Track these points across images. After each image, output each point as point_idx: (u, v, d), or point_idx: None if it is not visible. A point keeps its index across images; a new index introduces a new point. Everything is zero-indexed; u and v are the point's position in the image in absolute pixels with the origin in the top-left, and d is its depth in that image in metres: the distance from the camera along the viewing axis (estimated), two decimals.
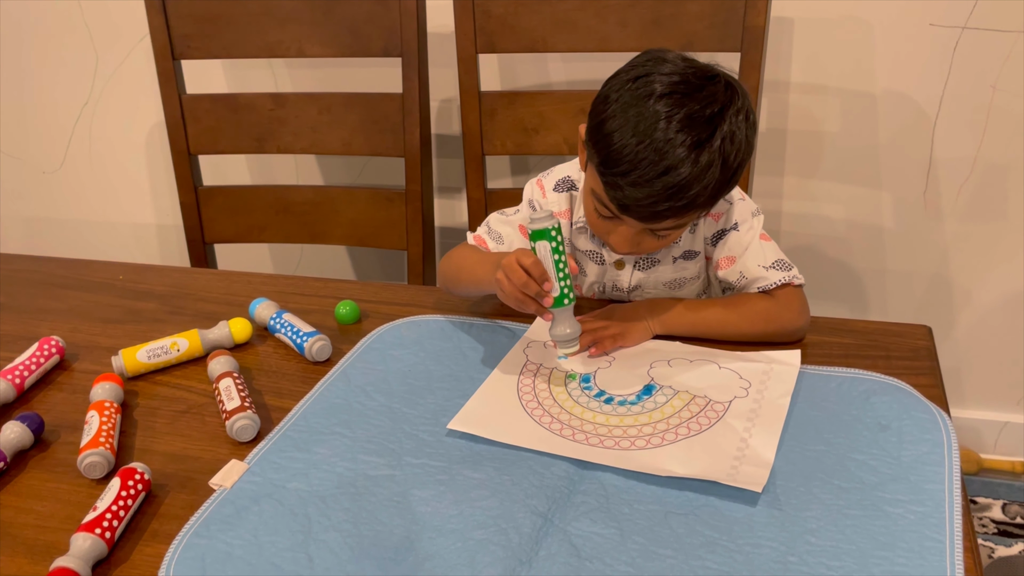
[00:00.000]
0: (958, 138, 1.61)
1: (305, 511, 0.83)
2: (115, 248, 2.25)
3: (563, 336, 0.94)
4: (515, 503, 0.82)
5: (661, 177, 0.90)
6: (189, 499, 0.86)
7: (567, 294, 0.93)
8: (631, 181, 0.91)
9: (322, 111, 1.64)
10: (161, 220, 2.18)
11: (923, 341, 1.03)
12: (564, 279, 0.93)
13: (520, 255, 0.92)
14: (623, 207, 0.94)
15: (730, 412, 0.92)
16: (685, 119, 0.89)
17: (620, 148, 0.91)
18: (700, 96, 0.91)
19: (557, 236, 0.92)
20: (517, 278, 0.91)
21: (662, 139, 0.89)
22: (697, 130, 0.89)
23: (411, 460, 0.89)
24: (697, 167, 0.90)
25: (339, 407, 0.98)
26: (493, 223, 1.14)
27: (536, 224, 0.92)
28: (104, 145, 2.12)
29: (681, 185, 0.90)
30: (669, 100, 0.90)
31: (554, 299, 0.92)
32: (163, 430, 0.97)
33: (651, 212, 0.93)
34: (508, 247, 1.12)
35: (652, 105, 0.90)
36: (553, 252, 0.92)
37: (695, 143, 0.89)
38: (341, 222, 1.70)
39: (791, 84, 1.65)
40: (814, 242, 1.77)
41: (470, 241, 1.15)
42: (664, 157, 0.89)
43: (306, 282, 1.26)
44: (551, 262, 0.92)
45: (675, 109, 0.89)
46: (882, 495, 0.80)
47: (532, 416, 0.94)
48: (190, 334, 1.08)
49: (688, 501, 0.82)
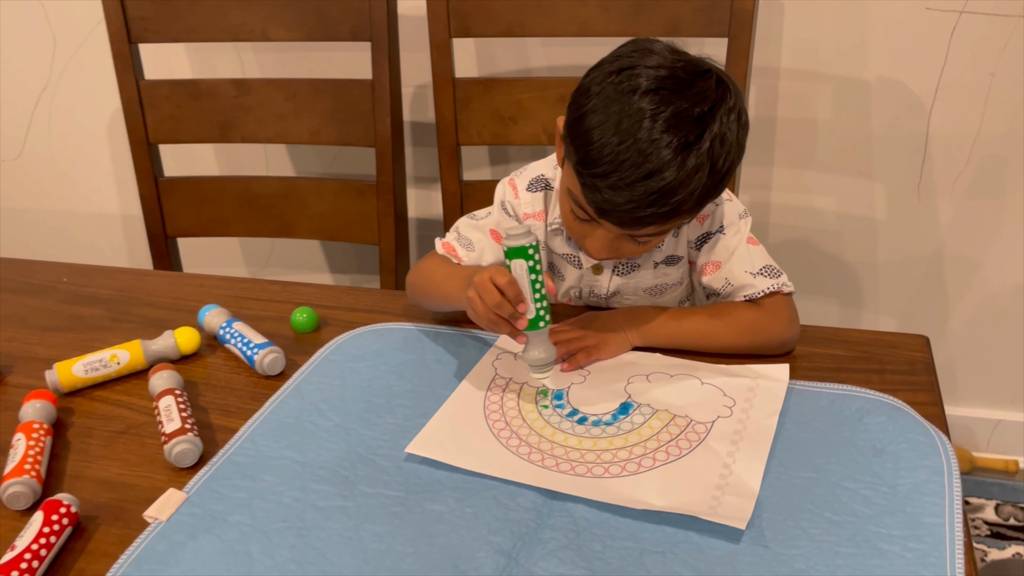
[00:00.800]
0: (955, 127, 1.55)
1: (247, 548, 0.76)
2: (79, 240, 2.17)
3: (537, 361, 0.88)
4: (476, 540, 0.75)
5: (644, 181, 0.82)
6: (121, 533, 0.79)
7: (543, 316, 0.87)
8: (611, 184, 0.83)
9: (288, 98, 1.56)
10: (126, 211, 2.10)
11: (920, 353, 0.97)
12: (540, 300, 0.86)
13: (494, 273, 0.85)
14: (601, 211, 0.87)
15: (712, 434, 0.85)
16: (672, 118, 0.82)
17: (600, 147, 0.83)
18: (689, 93, 0.83)
19: (535, 255, 0.85)
20: (490, 299, 0.84)
21: (646, 139, 0.81)
22: (684, 131, 0.82)
23: (365, 489, 0.82)
24: (683, 171, 0.82)
25: (290, 428, 0.90)
26: (463, 228, 1.07)
27: (512, 241, 0.85)
28: (64, 132, 2.04)
29: (665, 190, 0.82)
30: (655, 96, 0.82)
31: (529, 321, 0.86)
32: (98, 453, 0.89)
33: (632, 218, 0.86)
34: (479, 254, 1.04)
35: (636, 101, 0.82)
36: (530, 271, 0.85)
37: (682, 145, 0.82)
38: (310, 215, 1.63)
39: (781, 70, 1.58)
40: (804, 235, 1.72)
41: (439, 249, 1.07)
42: (648, 159, 0.81)
43: (263, 286, 1.18)
44: (527, 282, 0.85)
45: (661, 107, 0.82)
46: (876, 530, 0.74)
47: (499, 438, 0.87)
48: (132, 345, 1.00)
49: (666, 537, 0.75)
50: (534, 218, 1.04)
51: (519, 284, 0.85)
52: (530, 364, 0.89)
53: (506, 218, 1.04)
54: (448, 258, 1.05)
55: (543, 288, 0.86)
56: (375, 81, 1.50)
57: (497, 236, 1.05)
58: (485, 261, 1.04)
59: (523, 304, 0.84)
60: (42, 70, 1.95)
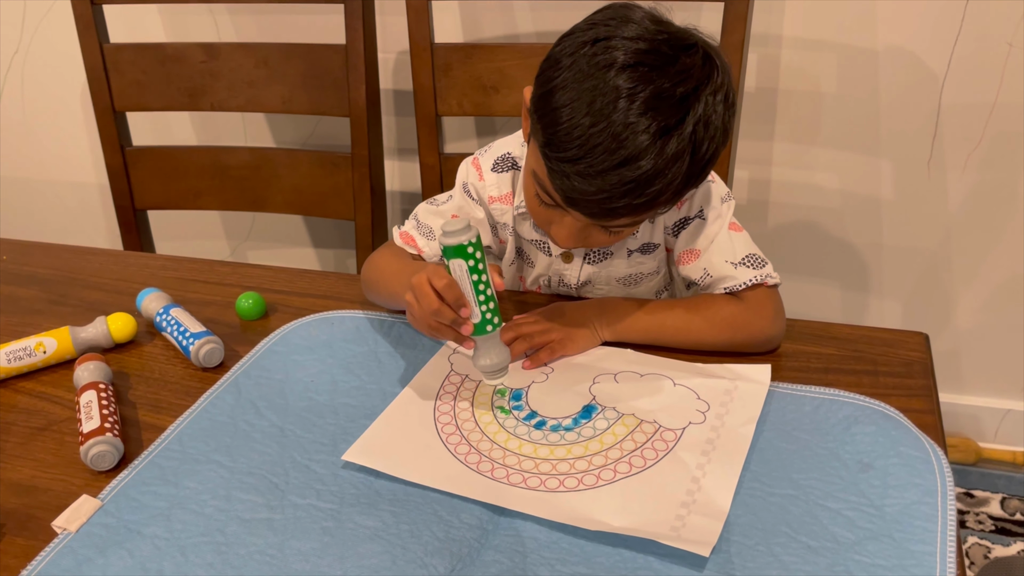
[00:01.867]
0: (969, 100, 1.45)
1: (159, 567, 0.69)
2: (55, 210, 2.10)
3: (488, 367, 0.81)
4: (410, 562, 0.67)
5: (617, 169, 0.73)
6: (27, 545, 0.72)
7: (490, 319, 0.79)
8: (580, 170, 0.74)
9: (258, 64, 1.48)
10: (101, 180, 2.02)
11: (917, 352, 0.88)
12: (487, 301, 0.78)
13: (431, 275, 0.76)
14: (569, 200, 0.78)
15: (682, 442, 0.77)
16: (651, 99, 0.72)
17: (569, 129, 0.74)
18: (671, 71, 0.73)
19: (476, 252, 0.76)
20: (427, 304, 0.76)
21: (621, 122, 0.72)
22: (665, 113, 0.73)
23: (296, 500, 0.74)
24: (662, 159, 0.73)
25: (222, 428, 0.83)
26: (422, 215, 0.98)
27: (449, 239, 0.76)
28: (38, 99, 1.96)
29: (641, 180, 0.74)
30: (633, 73, 0.73)
31: (475, 325, 0.78)
32: (13, 452, 0.82)
33: (603, 209, 0.77)
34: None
35: (612, 78, 0.73)
36: (471, 272, 0.77)
37: (661, 129, 0.73)
38: (283, 188, 1.55)
39: (783, 38, 1.48)
40: (806, 214, 1.63)
41: (396, 239, 0.99)
42: (622, 145, 0.72)
43: (211, 267, 1.10)
44: (468, 283, 0.77)
45: (639, 85, 0.72)
46: (859, 558, 0.66)
47: (447, 445, 0.79)
48: (59, 332, 0.92)
49: (622, 563, 0.67)
50: (500, 201, 0.96)
51: (460, 286, 0.77)
52: (482, 371, 0.81)
53: (469, 202, 0.96)
54: (404, 249, 0.97)
55: (488, 288, 0.78)
56: (349, 46, 1.41)
57: None
58: None
59: (465, 308, 0.76)
60: (12, 33, 1.87)
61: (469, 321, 0.77)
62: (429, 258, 0.96)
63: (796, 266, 1.66)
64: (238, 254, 2.02)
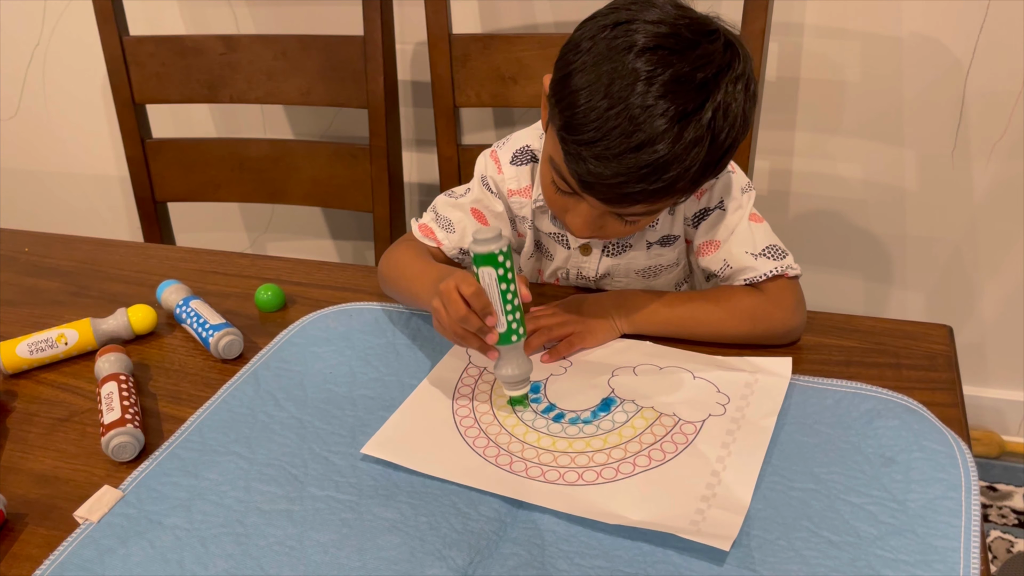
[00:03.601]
0: (994, 88, 1.43)
1: (180, 557, 0.69)
2: (76, 203, 2.12)
3: (510, 377, 0.79)
4: (429, 554, 0.67)
5: (633, 153, 0.72)
6: (49, 535, 0.72)
7: (515, 329, 0.77)
8: (596, 153, 0.74)
9: (277, 56, 1.48)
10: (122, 173, 2.03)
11: (941, 345, 0.87)
12: (513, 311, 0.77)
13: (460, 282, 0.75)
14: (585, 184, 0.77)
15: (702, 436, 0.76)
16: (670, 82, 0.72)
17: (587, 111, 0.73)
18: (692, 55, 0.73)
19: (505, 261, 0.75)
20: (455, 311, 0.75)
21: (639, 105, 0.72)
22: (683, 98, 0.72)
23: (315, 491, 0.74)
24: (679, 144, 0.72)
25: (241, 419, 0.83)
26: (440, 207, 0.97)
27: (480, 247, 0.75)
28: (59, 91, 1.97)
29: (658, 165, 0.73)
30: (652, 56, 0.72)
31: (500, 335, 0.77)
32: (36, 443, 0.83)
33: (618, 194, 0.76)
34: (460, 235, 0.95)
35: (631, 61, 0.72)
36: (500, 280, 0.75)
37: (679, 114, 0.72)
38: (301, 180, 1.55)
39: (805, 27, 1.46)
40: (828, 204, 1.61)
41: (414, 231, 0.98)
42: (639, 128, 0.72)
43: (231, 259, 1.10)
44: (496, 292, 0.76)
45: (658, 68, 0.72)
46: (881, 554, 0.65)
47: (466, 438, 0.78)
48: (81, 324, 0.93)
49: (641, 556, 0.66)
50: (519, 195, 0.95)
51: (488, 294, 0.75)
52: (503, 381, 0.80)
53: (488, 195, 0.95)
54: (425, 243, 0.96)
55: (516, 298, 0.77)
56: (367, 37, 1.41)
57: (480, 215, 0.96)
58: (467, 243, 0.95)
59: (492, 317, 0.75)
60: (34, 25, 1.88)
61: (495, 330, 0.76)
62: (448, 251, 0.96)
63: (817, 257, 1.64)
64: (257, 246, 2.03)
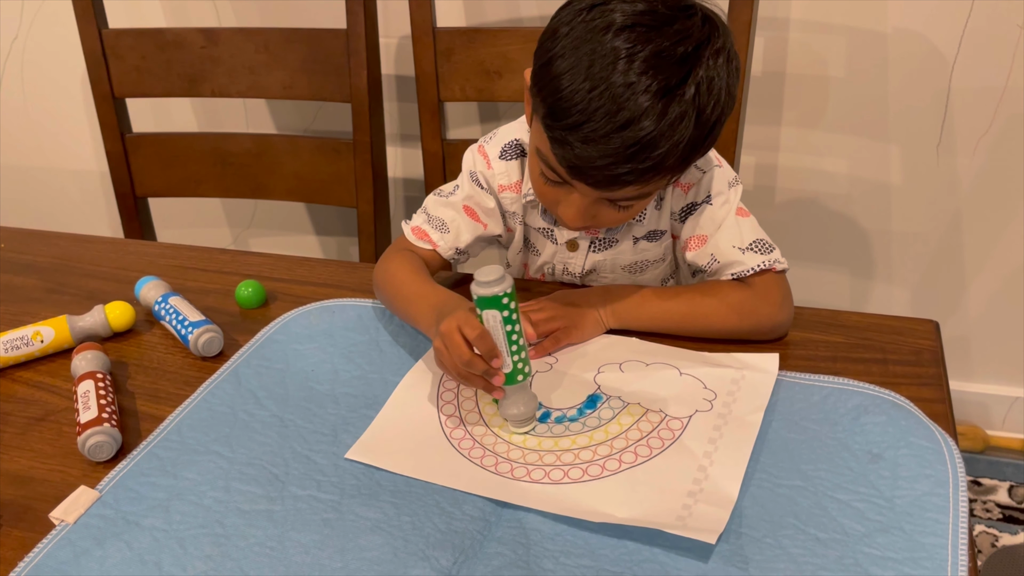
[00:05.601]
0: (979, 83, 1.43)
1: (158, 559, 0.68)
2: (57, 196, 2.09)
3: (517, 416, 0.77)
4: (412, 555, 0.66)
5: (619, 132, 0.72)
6: (24, 536, 0.71)
7: (521, 368, 0.76)
8: (582, 136, 0.73)
9: (259, 49, 1.46)
10: (103, 168, 2.00)
11: (928, 340, 0.86)
12: (519, 351, 0.75)
13: (463, 324, 0.74)
14: (574, 169, 0.76)
15: (689, 431, 0.76)
16: (651, 58, 0.71)
17: (569, 95, 0.73)
18: (670, 31, 0.72)
19: (511, 303, 0.74)
20: (459, 354, 0.74)
21: (621, 83, 0.71)
22: (665, 73, 0.71)
23: (296, 491, 0.73)
24: (665, 120, 0.72)
25: (222, 418, 0.81)
26: (432, 207, 0.96)
27: (483, 289, 0.73)
28: (38, 84, 1.95)
29: (645, 142, 0.72)
30: (631, 34, 0.71)
31: (506, 375, 0.75)
32: (10, 443, 0.81)
33: (608, 176, 0.75)
34: (455, 234, 0.94)
35: (610, 40, 0.72)
36: (505, 323, 0.74)
37: (663, 89, 0.71)
38: (284, 175, 1.53)
39: (790, 21, 1.46)
40: (813, 199, 1.61)
41: (407, 234, 0.95)
42: (623, 107, 0.71)
43: (211, 255, 1.09)
44: (502, 333, 0.74)
45: (638, 45, 0.71)
46: (869, 551, 0.64)
47: (451, 439, 0.77)
48: (57, 321, 0.91)
49: (627, 555, 0.66)
50: (510, 190, 0.94)
51: (492, 336, 0.74)
52: (509, 420, 0.78)
53: (478, 191, 0.94)
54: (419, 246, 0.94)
55: (521, 337, 0.75)
56: (350, 31, 1.39)
57: (472, 212, 0.94)
58: (463, 242, 0.94)
59: (497, 359, 0.74)
60: (11, 19, 1.85)
61: (500, 372, 0.75)
62: (444, 252, 0.94)
63: (803, 252, 1.64)
64: (240, 242, 2.01)
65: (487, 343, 0.73)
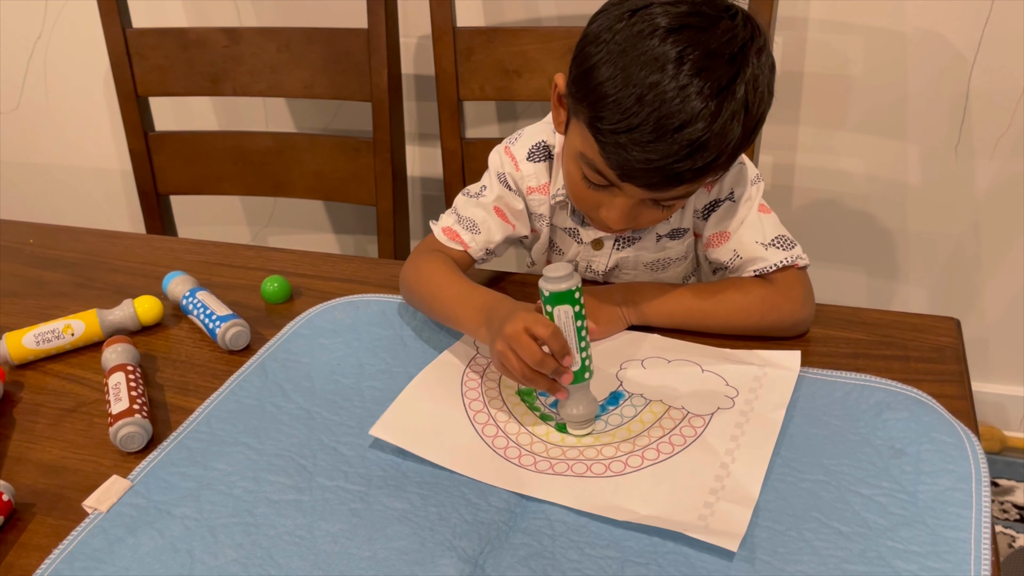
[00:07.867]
0: (998, 84, 1.43)
1: (189, 547, 0.69)
2: (78, 195, 2.11)
3: (577, 417, 0.76)
4: (439, 544, 0.67)
5: (674, 134, 0.72)
6: (57, 524, 0.72)
7: (588, 366, 0.75)
8: (634, 140, 0.73)
9: (281, 49, 1.47)
10: (124, 166, 2.03)
11: (949, 338, 0.87)
12: (586, 348, 0.75)
13: (532, 324, 0.73)
14: (626, 174, 0.76)
15: (711, 428, 0.76)
16: (702, 59, 0.72)
17: (618, 101, 0.73)
18: (717, 31, 0.73)
19: (581, 297, 0.74)
20: (530, 355, 0.73)
21: (673, 87, 0.71)
22: (717, 73, 0.72)
23: (324, 481, 0.74)
24: (718, 121, 0.72)
25: (249, 410, 0.83)
26: (462, 208, 0.95)
27: (556, 285, 0.73)
28: (60, 84, 1.97)
29: (699, 143, 0.73)
30: (679, 36, 0.72)
31: (574, 373, 0.75)
32: (43, 433, 0.82)
33: (663, 177, 0.76)
34: (487, 235, 0.93)
35: (657, 44, 0.72)
36: (575, 318, 0.74)
37: (715, 90, 0.72)
38: (304, 173, 1.54)
39: (809, 21, 1.46)
40: (831, 199, 1.61)
41: (438, 235, 0.94)
42: (678, 109, 0.72)
43: (236, 251, 1.10)
44: (572, 330, 0.74)
45: (689, 47, 0.72)
46: (892, 544, 0.65)
47: (475, 424, 0.78)
48: (87, 315, 0.92)
49: (652, 546, 0.66)
50: (539, 192, 0.94)
51: (564, 334, 0.73)
52: (570, 421, 0.77)
53: (507, 192, 0.94)
54: (450, 246, 0.93)
55: (588, 334, 0.75)
56: (371, 30, 1.40)
57: (502, 214, 0.95)
58: (494, 242, 0.94)
59: (569, 357, 0.74)
60: (35, 18, 1.88)
61: (570, 370, 0.74)
62: (475, 253, 0.93)
63: (821, 252, 1.64)
64: (259, 239, 2.03)
65: (560, 341, 0.73)
